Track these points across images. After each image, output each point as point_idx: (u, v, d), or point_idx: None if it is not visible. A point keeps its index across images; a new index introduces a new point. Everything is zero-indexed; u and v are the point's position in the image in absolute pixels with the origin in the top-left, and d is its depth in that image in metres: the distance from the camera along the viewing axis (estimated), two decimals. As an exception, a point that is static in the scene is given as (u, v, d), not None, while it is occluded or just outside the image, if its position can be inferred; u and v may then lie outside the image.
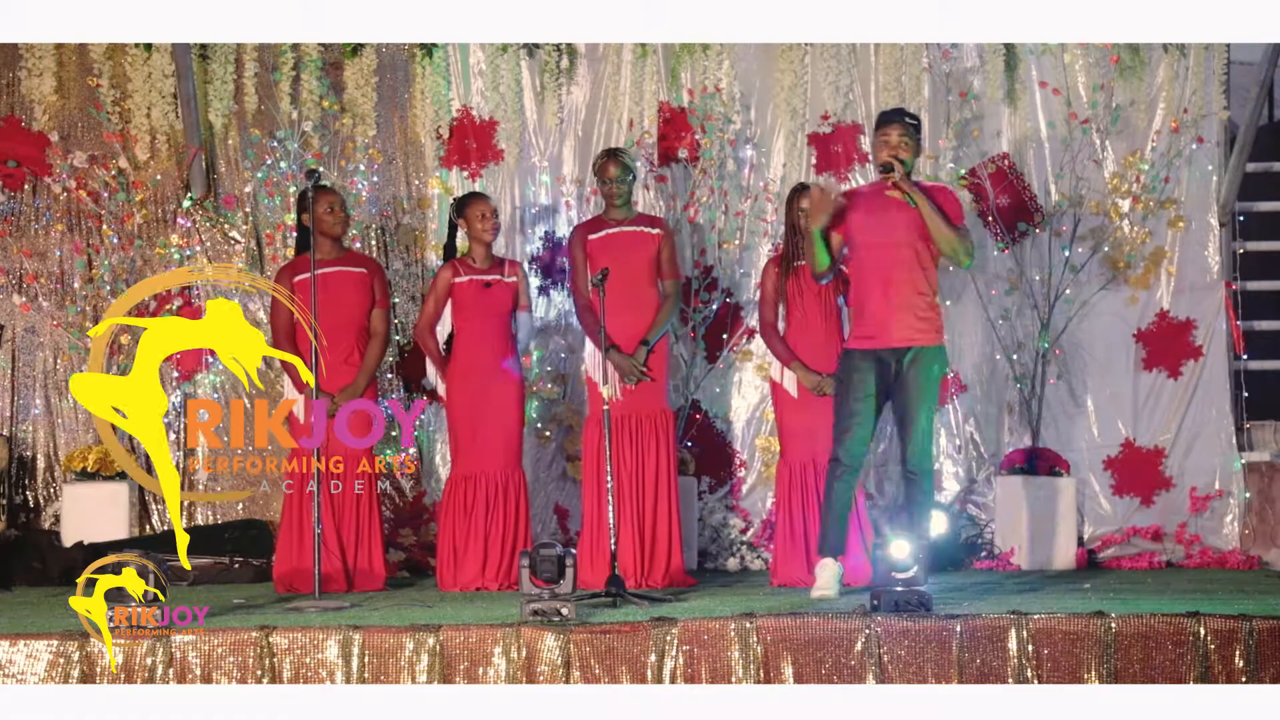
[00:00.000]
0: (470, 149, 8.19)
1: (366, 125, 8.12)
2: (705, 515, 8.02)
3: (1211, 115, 8.32)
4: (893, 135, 6.21)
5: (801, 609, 5.32)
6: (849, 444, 6.21)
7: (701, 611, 5.45)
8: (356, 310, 6.95)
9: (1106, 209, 8.25)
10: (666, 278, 7.20)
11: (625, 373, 6.98)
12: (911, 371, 6.18)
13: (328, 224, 6.98)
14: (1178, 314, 8.30)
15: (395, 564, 7.50)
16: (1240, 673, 4.97)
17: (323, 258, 6.94)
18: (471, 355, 7.01)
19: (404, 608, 5.92)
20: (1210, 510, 8.18)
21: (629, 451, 7.03)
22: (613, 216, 7.21)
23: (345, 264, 7.03)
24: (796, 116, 8.26)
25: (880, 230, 6.20)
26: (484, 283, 7.07)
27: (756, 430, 8.22)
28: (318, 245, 6.97)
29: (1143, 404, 8.27)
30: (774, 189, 8.21)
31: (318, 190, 6.99)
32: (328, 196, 7.02)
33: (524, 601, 5.18)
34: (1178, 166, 8.30)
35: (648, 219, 7.31)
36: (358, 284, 6.99)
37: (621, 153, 7.27)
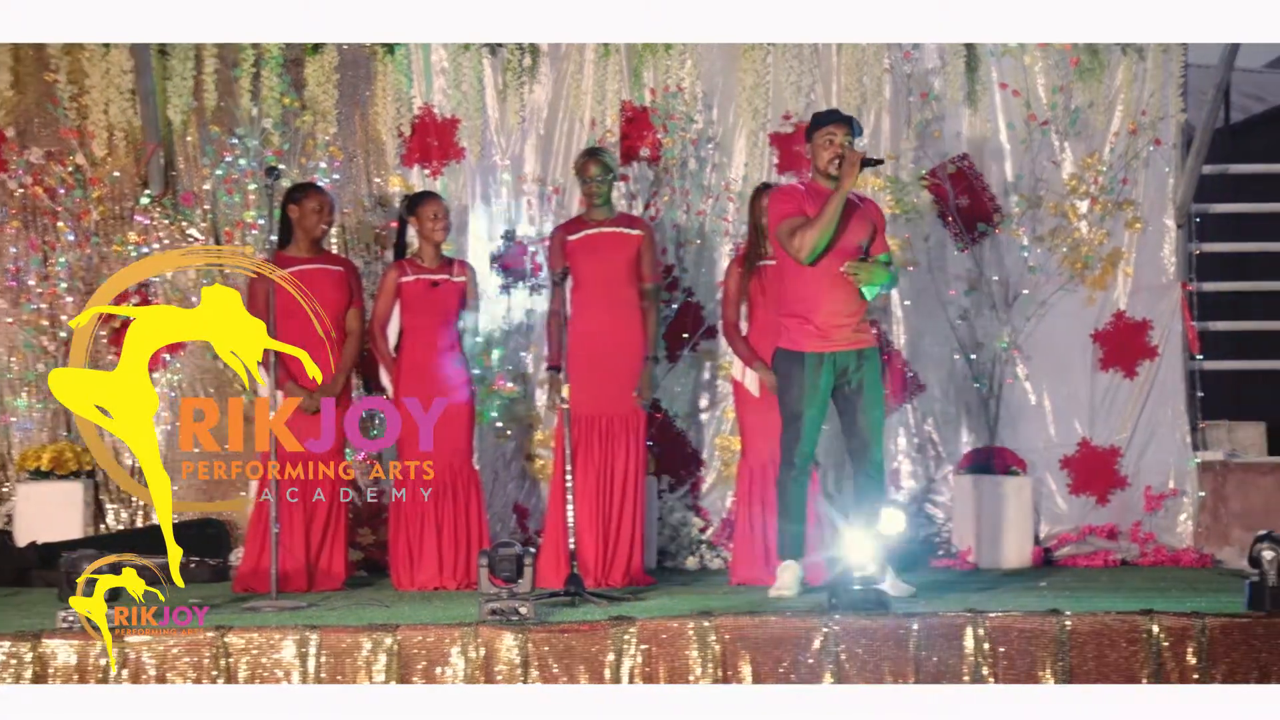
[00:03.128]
0: (432, 147, 8.16)
1: (327, 123, 8.09)
2: (665, 514, 8.02)
3: (1169, 117, 8.37)
4: (839, 134, 6.23)
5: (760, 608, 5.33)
6: (803, 447, 6.24)
7: (660, 610, 5.45)
8: (334, 308, 6.91)
9: (1065, 210, 8.29)
10: (647, 280, 7.19)
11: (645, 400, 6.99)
12: (866, 373, 6.23)
13: (309, 226, 6.95)
14: (1134, 314, 8.34)
15: (354, 564, 7.47)
16: (1192, 670, 5.01)
17: (300, 254, 6.92)
18: (419, 354, 6.98)
19: (361, 607, 5.90)
20: (1164, 509, 8.23)
21: (597, 450, 7.02)
22: (593, 217, 7.19)
23: (323, 262, 7.01)
24: (758, 116, 8.27)
25: (838, 237, 6.20)
26: (431, 282, 7.05)
27: (716, 429, 8.23)
28: (297, 242, 6.95)
29: (1099, 404, 8.32)
30: (736, 189, 8.22)
31: (310, 189, 6.98)
32: (318, 199, 6.99)
33: (482, 601, 5.17)
34: (1135, 168, 8.35)
35: (628, 219, 7.29)
36: (336, 282, 6.96)
37: (602, 152, 7.26)
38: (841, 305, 6.21)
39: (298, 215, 6.95)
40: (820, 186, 6.27)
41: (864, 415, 6.23)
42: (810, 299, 6.23)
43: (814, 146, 6.31)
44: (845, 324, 6.22)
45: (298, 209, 6.95)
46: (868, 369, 6.25)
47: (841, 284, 6.20)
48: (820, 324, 6.21)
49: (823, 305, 6.21)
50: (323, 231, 7.05)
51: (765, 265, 7.10)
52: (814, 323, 6.22)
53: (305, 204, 6.95)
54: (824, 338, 6.21)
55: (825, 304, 6.20)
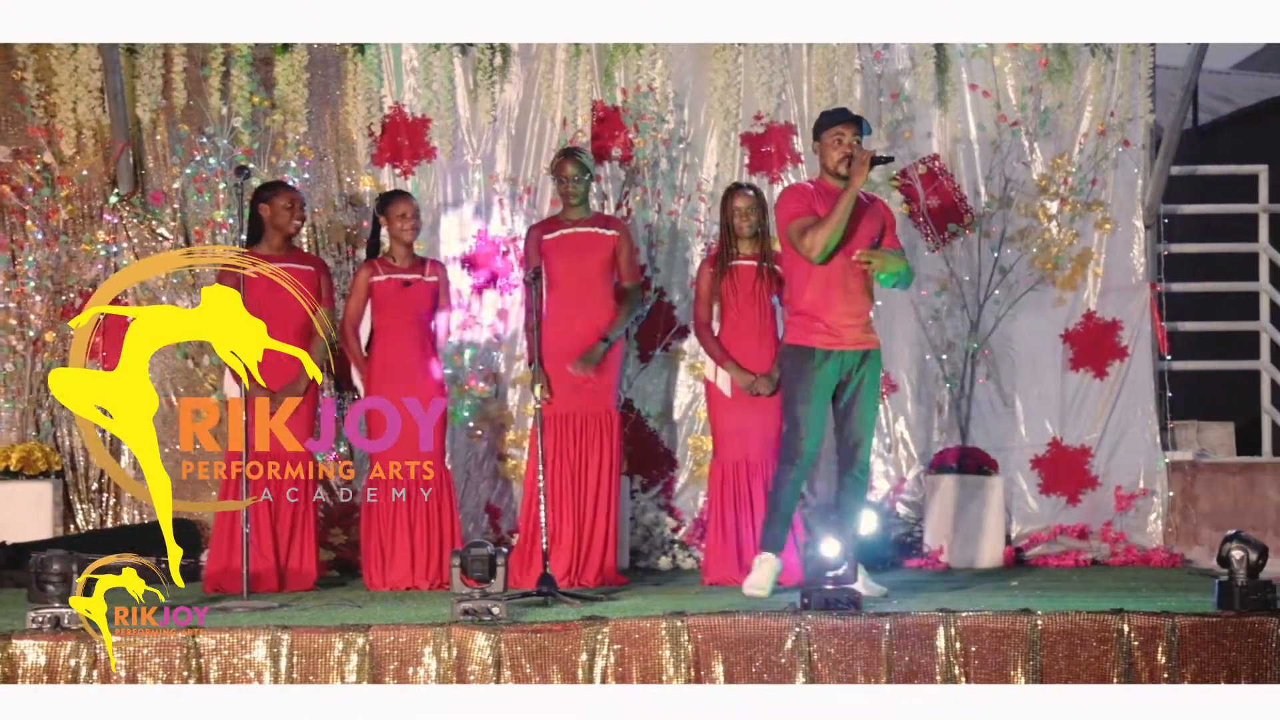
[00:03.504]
0: (402, 146, 8.15)
1: (297, 121, 8.06)
2: (637, 514, 8.02)
3: (1137, 118, 8.42)
4: (847, 134, 6.23)
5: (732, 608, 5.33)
6: (806, 444, 6.22)
7: (633, 610, 5.45)
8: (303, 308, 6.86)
9: (1035, 210, 8.33)
10: (626, 279, 7.18)
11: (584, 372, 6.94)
12: (867, 374, 6.25)
13: (281, 224, 6.92)
14: (1104, 315, 8.38)
15: (325, 564, 7.44)
16: (1162, 669, 5.04)
17: (271, 253, 6.89)
18: (390, 354, 6.97)
19: (333, 607, 5.88)
20: (1135, 509, 8.27)
21: (572, 450, 7.01)
22: (568, 217, 7.18)
23: (294, 260, 6.99)
24: (730, 116, 8.28)
25: (848, 236, 6.19)
26: (402, 281, 7.03)
27: (689, 429, 8.23)
28: (268, 240, 6.92)
29: (1069, 404, 8.36)
30: (707, 189, 8.22)
31: (280, 187, 6.96)
32: (288, 196, 6.96)
33: (455, 601, 5.16)
34: (1104, 169, 8.39)
35: (604, 219, 7.29)
36: (306, 281, 6.94)
37: (579, 152, 7.26)
38: (853, 305, 6.23)
39: (269, 213, 6.93)
40: (830, 185, 6.27)
41: (859, 416, 6.26)
42: (821, 298, 6.23)
43: (823, 146, 6.29)
44: (854, 324, 6.24)
45: (269, 207, 6.93)
46: (870, 370, 6.26)
47: (852, 283, 6.22)
48: (831, 323, 6.21)
49: (834, 304, 6.21)
50: (296, 228, 7.03)
51: (737, 265, 7.11)
52: (825, 321, 6.22)
53: (276, 202, 6.93)
54: (834, 335, 6.21)
55: (837, 303, 6.20)
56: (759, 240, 7.15)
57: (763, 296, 7.10)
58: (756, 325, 7.10)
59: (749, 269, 7.11)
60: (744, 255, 7.16)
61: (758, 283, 7.10)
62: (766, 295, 7.10)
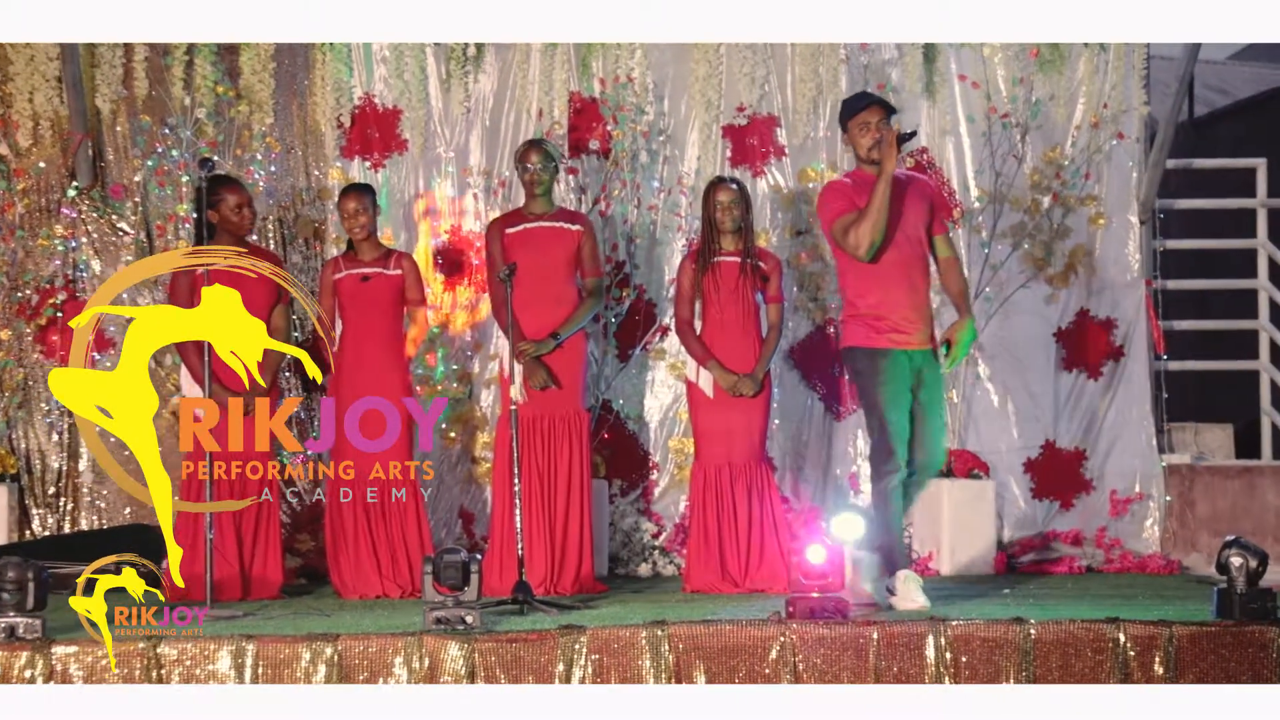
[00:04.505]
0: (373, 138, 8.12)
1: (264, 113, 8.02)
2: (616, 519, 8.00)
3: (1132, 110, 8.43)
4: (873, 120, 6.13)
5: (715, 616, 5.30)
6: (901, 448, 6.10)
7: (612, 619, 5.43)
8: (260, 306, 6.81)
9: (1026, 205, 8.33)
10: (588, 275, 7.16)
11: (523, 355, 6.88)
12: (931, 373, 6.18)
13: (234, 225, 6.87)
14: (1098, 313, 8.39)
15: (292, 571, 7.41)
16: (1160, 680, 5.02)
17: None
18: (351, 353, 6.93)
19: (300, 616, 5.85)
20: (1130, 514, 8.28)
21: (541, 453, 6.99)
22: (532, 210, 7.15)
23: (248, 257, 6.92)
24: (711, 108, 8.27)
25: (896, 223, 6.11)
26: (361, 276, 7.00)
27: (670, 431, 8.22)
28: (220, 240, 6.86)
29: (1063, 405, 8.36)
30: (688, 182, 8.21)
31: (226, 186, 6.88)
32: (236, 195, 6.89)
33: (427, 609, 5.14)
34: (1098, 163, 8.40)
35: (568, 214, 7.27)
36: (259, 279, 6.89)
37: (544, 142, 7.25)
38: (919, 301, 6.14)
39: (218, 219, 6.83)
40: (867, 174, 6.13)
41: (932, 417, 6.17)
42: (887, 297, 6.11)
43: (850, 136, 6.19)
44: (921, 322, 6.15)
45: (216, 213, 6.81)
46: (936, 370, 6.18)
47: (917, 278, 6.14)
48: (899, 321, 6.10)
49: (900, 302, 6.11)
50: (248, 228, 6.97)
51: (719, 262, 7.09)
52: (892, 320, 6.11)
53: (222, 206, 6.83)
54: (902, 334, 6.11)
55: (902, 301, 6.10)
56: (742, 236, 7.13)
57: (746, 294, 7.08)
58: (740, 323, 7.09)
59: (732, 265, 7.10)
60: (726, 251, 7.14)
61: (741, 280, 7.08)
62: (750, 292, 7.08)
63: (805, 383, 8.28)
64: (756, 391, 7.01)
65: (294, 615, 5.90)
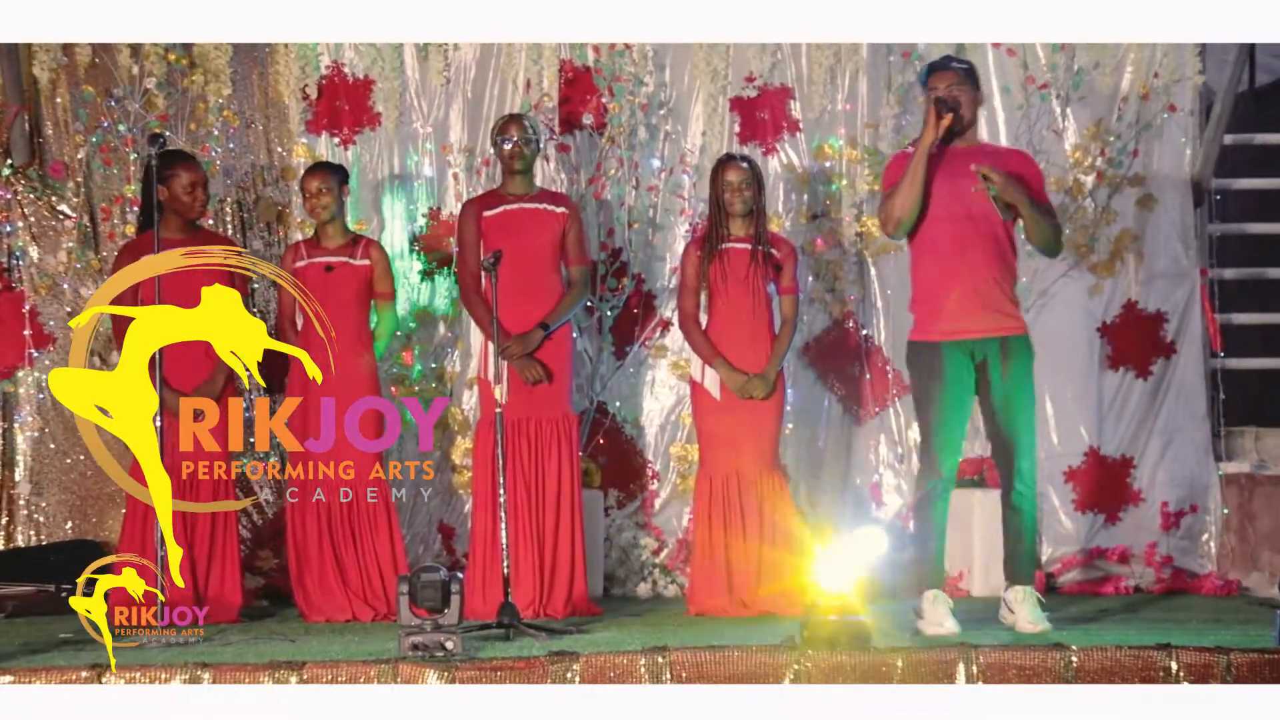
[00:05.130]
0: (341, 112, 8.13)
1: (220, 83, 8.02)
2: (612, 534, 8.01)
3: (1185, 80, 8.42)
4: (940, 86, 6.18)
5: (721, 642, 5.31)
6: (948, 457, 6.15)
7: (607, 644, 5.45)
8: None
9: (1068, 185, 8.34)
10: (573, 264, 7.18)
11: (513, 356, 6.92)
12: (1012, 366, 6.16)
13: (184, 206, 6.90)
14: (1147, 305, 8.40)
15: (253, 591, 7.42)
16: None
17: (170, 236, 6.87)
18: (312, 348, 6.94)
19: (262, 641, 5.88)
20: (1183, 528, 8.28)
21: (528, 460, 7.01)
22: (511, 190, 7.17)
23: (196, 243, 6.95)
24: (717, 78, 8.27)
25: (956, 199, 6.14)
26: (324, 265, 7.02)
27: (672, 437, 8.23)
28: (167, 223, 6.89)
29: (1108, 407, 8.36)
30: (692, 161, 8.22)
31: (181, 163, 6.92)
32: (191, 173, 6.94)
33: (402, 634, 5.15)
34: (1147, 138, 8.40)
35: (551, 195, 7.29)
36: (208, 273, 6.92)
37: (525, 116, 7.26)
38: (979, 282, 6.13)
39: (167, 196, 6.88)
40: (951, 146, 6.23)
41: (1005, 418, 6.17)
42: (939, 281, 6.15)
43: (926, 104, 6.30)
44: (983, 306, 6.14)
45: (166, 189, 6.87)
46: (1014, 360, 6.16)
47: (976, 257, 6.13)
48: (952, 308, 6.13)
49: (954, 286, 6.13)
50: (200, 211, 6.99)
51: (727, 248, 7.10)
52: (945, 307, 6.13)
53: (174, 183, 6.89)
54: (956, 324, 6.12)
55: (957, 284, 6.12)
56: (753, 220, 7.13)
57: (757, 284, 7.08)
58: (750, 317, 7.09)
59: (741, 253, 7.10)
60: (736, 237, 7.14)
61: (751, 268, 7.08)
62: (761, 283, 7.08)
63: (822, 383, 8.28)
64: (768, 393, 7.03)
65: (254, 640, 5.94)
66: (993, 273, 6.19)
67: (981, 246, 6.17)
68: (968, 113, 6.28)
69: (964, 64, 6.37)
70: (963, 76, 6.25)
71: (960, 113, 6.20)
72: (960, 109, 6.20)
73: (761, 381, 7.03)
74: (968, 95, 6.25)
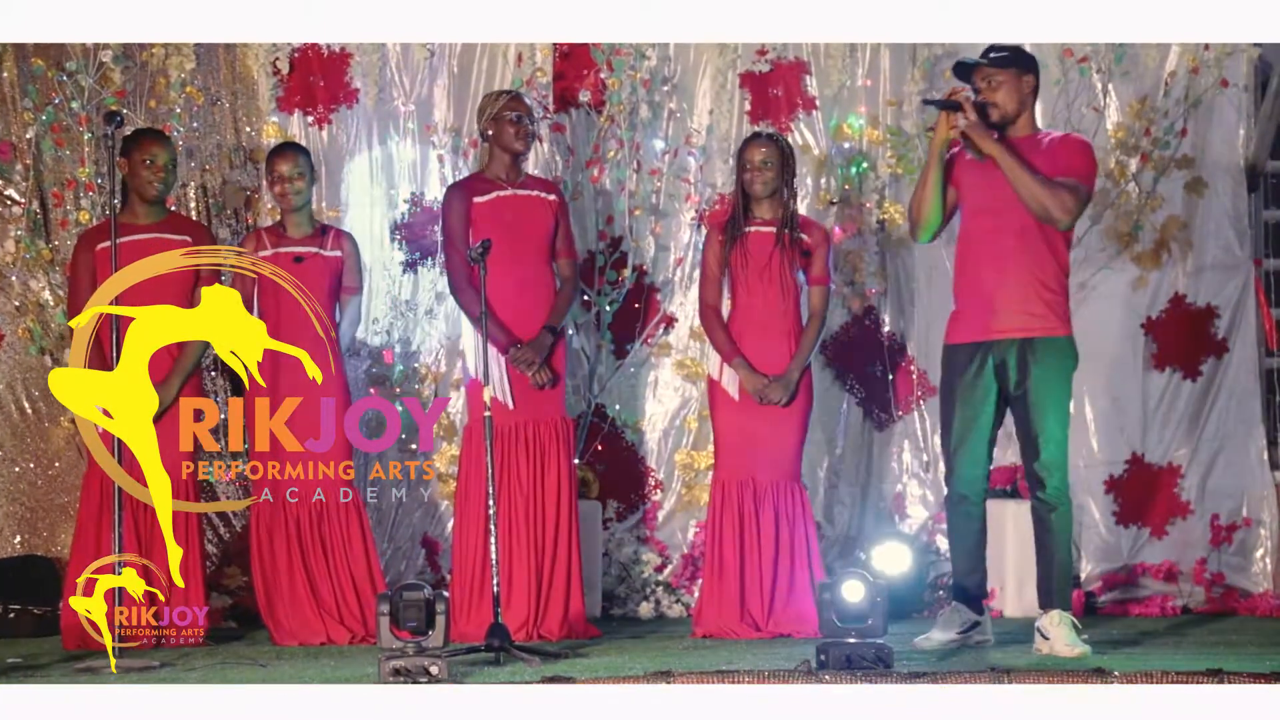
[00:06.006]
0: (316, 87, 8.14)
1: (183, 56, 8.03)
2: (612, 549, 8.03)
3: (1239, 53, 8.43)
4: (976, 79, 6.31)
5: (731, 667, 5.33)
6: (962, 468, 6.24)
7: (606, 670, 5.47)
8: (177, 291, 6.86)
9: (1109, 168, 8.35)
10: (563, 257, 7.19)
11: (527, 364, 6.93)
12: (1035, 369, 6.22)
13: (143, 180, 6.93)
14: (1196, 299, 8.42)
15: (219, 611, 7.44)
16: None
17: (133, 222, 6.89)
18: None
19: (229, 667, 5.88)
20: (1236, 543, 8.30)
21: (524, 467, 7.01)
22: (498, 174, 7.16)
23: (164, 230, 6.98)
24: (726, 52, 8.29)
25: (991, 192, 6.22)
26: (293, 256, 7.04)
27: (676, 442, 8.24)
28: (129, 206, 6.92)
29: (1153, 411, 8.38)
30: (698, 142, 8.24)
31: (151, 139, 6.97)
32: (150, 144, 6.97)
33: (383, 658, 5.16)
34: (1196, 116, 8.41)
35: (540, 182, 7.30)
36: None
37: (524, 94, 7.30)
38: (1010, 281, 6.22)
39: (126, 170, 6.93)
40: None
41: (1032, 424, 6.24)
42: (970, 280, 6.30)
43: None
44: (1012, 305, 6.23)
45: (126, 162, 6.93)
46: (1044, 364, 6.23)
47: (1009, 259, 6.22)
48: (980, 308, 6.25)
49: (983, 285, 6.25)
50: (156, 191, 7.00)
51: (750, 232, 7.04)
52: (973, 307, 6.27)
53: (133, 155, 6.95)
54: (981, 324, 6.24)
55: (986, 283, 6.24)
56: (778, 201, 7.09)
57: (783, 273, 6.99)
58: (773, 310, 7.00)
59: (764, 237, 7.04)
60: (758, 220, 7.10)
61: (776, 254, 7.01)
62: (788, 271, 7.00)
63: (841, 384, 8.30)
64: (788, 398, 6.98)
65: (221, 665, 5.93)
66: (1031, 272, 6.25)
67: (1020, 244, 6.25)
68: (1009, 102, 6.33)
69: (1003, 51, 6.38)
70: (1000, 65, 6.29)
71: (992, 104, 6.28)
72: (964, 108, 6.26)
73: (781, 385, 6.98)
74: (1010, 83, 6.29)
